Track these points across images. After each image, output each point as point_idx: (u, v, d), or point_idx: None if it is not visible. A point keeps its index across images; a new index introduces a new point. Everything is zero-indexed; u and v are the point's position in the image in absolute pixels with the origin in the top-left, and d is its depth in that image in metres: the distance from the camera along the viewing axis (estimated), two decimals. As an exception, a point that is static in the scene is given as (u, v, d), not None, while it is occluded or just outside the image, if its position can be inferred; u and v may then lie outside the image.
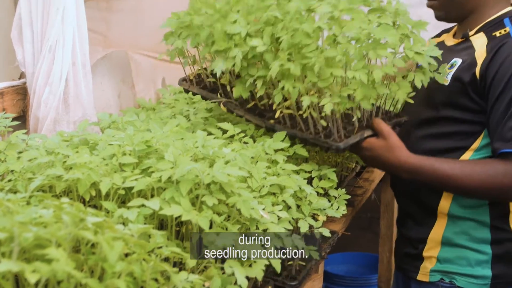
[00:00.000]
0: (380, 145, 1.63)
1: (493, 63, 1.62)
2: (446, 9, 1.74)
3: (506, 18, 1.71)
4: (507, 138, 1.58)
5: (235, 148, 1.49)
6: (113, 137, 1.42)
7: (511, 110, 1.58)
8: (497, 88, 1.61)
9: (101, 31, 2.22)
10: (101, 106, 2.33)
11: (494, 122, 1.62)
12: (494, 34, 1.68)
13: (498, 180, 1.59)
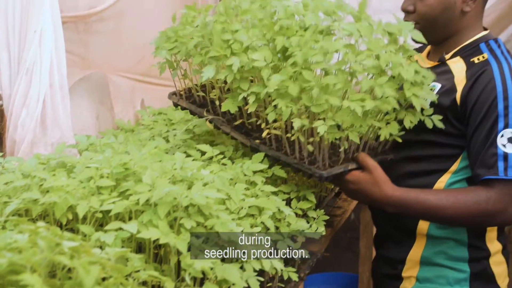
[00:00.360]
0: (365, 179, 1.62)
1: (473, 90, 1.65)
2: (428, 33, 1.76)
3: (482, 43, 1.74)
4: (489, 164, 1.61)
5: (214, 170, 1.49)
6: (91, 160, 1.42)
7: (492, 137, 1.62)
8: (478, 114, 1.64)
9: (80, 53, 2.21)
10: (79, 128, 2.31)
11: (475, 148, 1.65)
12: (472, 60, 1.71)
13: (482, 207, 1.61)
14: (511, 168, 1.60)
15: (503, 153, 1.60)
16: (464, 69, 1.70)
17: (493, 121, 1.62)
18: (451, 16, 1.72)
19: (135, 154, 1.44)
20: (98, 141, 1.69)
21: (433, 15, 1.71)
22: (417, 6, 1.72)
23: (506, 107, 1.61)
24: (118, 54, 2.45)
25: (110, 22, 2.31)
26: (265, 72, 1.52)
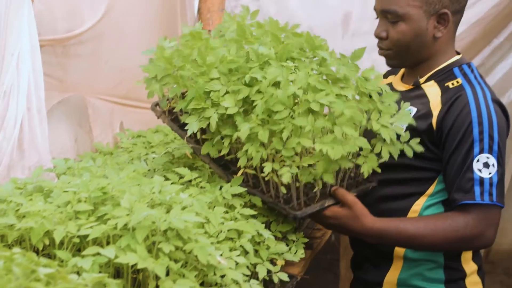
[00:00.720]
0: (345, 214, 1.63)
1: (449, 115, 1.68)
2: (402, 58, 1.79)
3: (455, 68, 1.77)
4: (466, 189, 1.64)
5: (193, 193, 1.49)
6: (69, 184, 1.41)
7: (469, 161, 1.64)
8: (454, 139, 1.66)
9: (58, 76, 2.21)
10: (57, 151, 2.30)
11: (452, 173, 1.67)
12: (447, 85, 1.74)
13: (460, 233, 1.64)
14: (487, 193, 1.62)
15: (479, 178, 1.62)
16: (439, 93, 1.73)
17: (469, 146, 1.64)
18: (423, 42, 1.75)
19: (113, 178, 1.43)
20: (76, 164, 1.68)
21: (405, 41, 1.74)
22: (390, 33, 1.75)
23: (481, 132, 1.64)
24: (97, 77, 2.45)
25: (89, 45, 2.31)
26: (238, 119, 1.55)
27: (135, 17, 2.55)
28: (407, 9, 1.71)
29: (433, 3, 1.71)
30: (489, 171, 1.63)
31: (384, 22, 1.76)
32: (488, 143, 1.64)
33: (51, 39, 2.09)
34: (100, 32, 2.33)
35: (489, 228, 1.65)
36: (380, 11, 1.77)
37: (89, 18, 2.26)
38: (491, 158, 1.64)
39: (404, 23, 1.72)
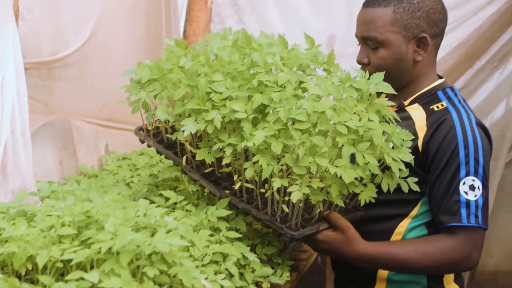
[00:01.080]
0: (338, 238, 1.62)
1: (435, 137, 1.70)
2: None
3: (439, 91, 1.80)
4: (453, 211, 1.65)
5: (178, 217, 1.48)
6: (52, 208, 1.40)
7: (455, 184, 1.66)
8: (440, 162, 1.68)
9: (43, 98, 2.20)
10: (42, 173, 2.28)
11: (438, 195, 1.68)
12: (432, 108, 1.76)
13: (449, 256, 1.65)
14: (473, 215, 1.63)
15: (465, 200, 1.64)
16: (424, 116, 1.75)
17: (455, 168, 1.66)
18: (404, 66, 1.78)
19: (97, 201, 1.42)
20: (60, 188, 1.67)
21: (386, 67, 1.75)
22: (371, 59, 1.78)
23: (467, 155, 1.66)
24: (82, 100, 2.45)
25: (74, 67, 2.31)
26: (246, 126, 1.48)
27: (121, 40, 2.56)
28: (386, 35, 1.74)
29: (412, 28, 1.74)
30: (475, 194, 1.65)
31: (365, 48, 1.80)
32: (473, 166, 1.66)
33: (36, 62, 2.09)
34: (86, 54, 2.34)
35: (475, 250, 1.66)
36: (361, 38, 1.80)
37: (74, 41, 2.27)
38: (476, 181, 1.65)
39: (384, 49, 1.75)
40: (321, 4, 3.31)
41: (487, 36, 3.24)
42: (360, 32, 1.80)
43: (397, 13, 1.74)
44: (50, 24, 2.15)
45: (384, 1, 1.75)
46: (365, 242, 1.64)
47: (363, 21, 1.79)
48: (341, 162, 1.46)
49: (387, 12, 1.74)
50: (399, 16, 1.74)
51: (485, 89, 3.40)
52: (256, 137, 1.44)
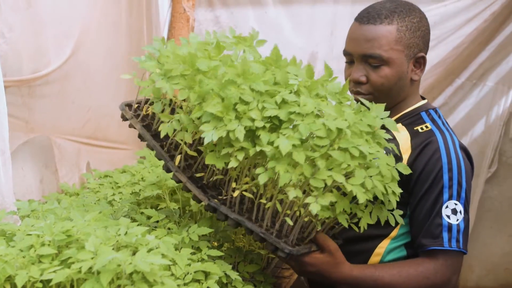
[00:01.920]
0: (325, 261, 1.60)
1: (419, 159, 1.69)
2: (379, 102, 1.77)
3: (422, 112, 1.80)
4: (435, 235, 1.64)
5: (159, 235, 1.48)
6: (32, 227, 1.38)
7: (438, 207, 1.65)
8: (424, 184, 1.67)
9: (23, 116, 2.19)
10: (22, 192, 2.27)
11: (420, 218, 1.68)
12: (416, 129, 1.75)
13: (431, 280, 1.64)
14: (454, 239, 1.63)
15: (448, 224, 1.64)
16: (408, 137, 1.74)
17: (439, 191, 1.65)
18: (403, 85, 1.76)
19: (78, 220, 1.41)
20: (40, 206, 1.65)
21: (389, 85, 1.73)
22: (371, 77, 1.73)
23: (451, 178, 1.65)
24: (64, 117, 2.44)
25: (55, 85, 2.30)
26: (262, 134, 1.42)
27: (102, 57, 2.56)
28: (390, 53, 1.71)
29: (413, 47, 1.73)
30: (457, 218, 1.65)
31: (363, 66, 1.74)
32: (456, 189, 1.65)
33: (17, 80, 2.08)
34: (67, 72, 2.33)
35: (454, 275, 1.66)
36: (360, 56, 1.73)
37: (55, 58, 2.26)
38: (458, 205, 1.65)
39: (388, 67, 1.72)
40: (303, 22, 3.34)
41: (466, 54, 3.28)
42: (361, 50, 1.73)
43: (400, 31, 1.71)
44: (31, 42, 2.14)
45: (386, 18, 1.71)
46: (350, 265, 1.63)
47: (365, 38, 1.72)
48: (355, 181, 1.43)
49: (391, 30, 1.70)
50: (403, 34, 1.71)
51: (465, 106, 3.44)
52: (281, 144, 1.39)
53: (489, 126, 3.43)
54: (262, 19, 3.34)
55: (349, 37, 1.77)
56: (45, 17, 2.18)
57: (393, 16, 1.71)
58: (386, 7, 1.74)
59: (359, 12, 1.78)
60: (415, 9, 1.77)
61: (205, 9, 3.36)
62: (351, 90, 1.79)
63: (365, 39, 1.72)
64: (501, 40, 3.29)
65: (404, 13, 1.73)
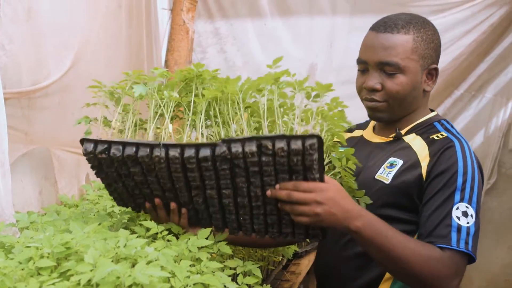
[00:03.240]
0: (340, 187, 1.52)
1: (438, 163, 1.69)
2: (393, 110, 1.80)
3: (435, 122, 1.82)
4: (443, 235, 1.62)
5: (158, 247, 1.47)
6: (31, 239, 1.38)
7: (448, 208, 1.64)
8: (438, 184, 1.67)
9: (23, 128, 2.19)
10: (22, 203, 2.26)
11: (428, 216, 1.66)
12: (432, 137, 1.76)
13: (432, 263, 1.58)
14: (463, 241, 1.61)
15: (457, 225, 1.62)
16: (425, 146, 1.74)
17: (451, 193, 1.65)
18: (417, 95, 1.79)
19: (77, 232, 1.41)
20: (39, 218, 1.65)
21: (404, 94, 1.75)
22: (387, 85, 1.75)
23: (465, 182, 1.65)
24: (63, 129, 2.44)
25: (55, 97, 2.30)
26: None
27: (102, 69, 2.56)
28: (407, 62, 1.73)
29: (427, 58, 1.75)
30: (467, 221, 1.63)
31: (378, 74, 1.76)
32: (469, 193, 1.65)
33: (17, 92, 2.08)
34: (67, 84, 2.34)
35: (457, 276, 1.62)
36: (376, 63, 1.75)
37: (55, 70, 2.27)
38: (470, 209, 1.64)
39: (404, 75, 1.74)
40: (302, 33, 3.35)
41: (465, 66, 3.30)
42: (377, 57, 1.74)
43: (416, 41, 1.73)
44: (31, 54, 2.15)
45: (403, 27, 1.74)
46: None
47: (382, 46, 1.74)
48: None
49: (408, 39, 1.73)
50: (418, 44, 1.74)
51: (464, 117, 3.45)
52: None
53: (488, 137, 3.44)
54: (261, 30, 3.36)
55: (365, 45, 1.79)
56: (45, 29, 2.18)
57: (409, 26, 1.74)
58: (402, 18, 1.77)
59: (375, 23, 1.81)
60: (429, 22, 1.80)
61: (204, 21, 3.38)
62: (365, 98, 1.80)
63: (382, 47, 1.74)
64: (499, 52, 3.32)
65: (419, 24, 1.76)
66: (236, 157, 1.47)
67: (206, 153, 1.49)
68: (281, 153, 1.44)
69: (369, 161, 1.83)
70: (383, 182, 1.74)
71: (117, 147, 1.56)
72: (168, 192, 1.62)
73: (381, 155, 1.81)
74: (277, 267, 2.11)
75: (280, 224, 1.59)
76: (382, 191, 1.73)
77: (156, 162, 1.53)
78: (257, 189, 1.52)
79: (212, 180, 1.54)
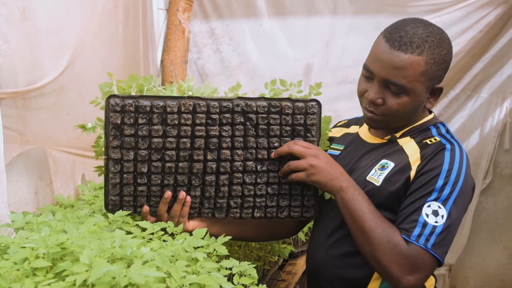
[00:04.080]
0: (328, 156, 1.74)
1: (426, 165, 1.70)
2: (389, 124, 1.80)
3: (431, 126, 1.81)
4: (407, 227, 1.65)
5: (154, 247, 1.47)
6: (27, 239, 1.38)
7: (420, 204, 1.66)
8: (419, 183, 1.69)
9: (18, 128, 2.18)
10: (17, 204, 2.26)
11: (402, 210, 1.69)
12: (425, 142, 1.76)
13: (390, 246, 1.63)
14: (424, 237, 1.62)
15: (424, 222, 1.64)
16: (417, 150, 1.75)
17: (428, 192, 1.67)
18: (416, 111, 1.79)
19: (73, 232, 1.41)
20: (34, 219, 1.65)
21: (403, 113, 1.75)
22: (388, 102, 1.73)
23: (445, 184, 1.66)
24: (59, 129, 2.43)
25: (51, 97, 2.30)
26: None
27: (98, 69, 2.56)
28: (414, 84, 1.70)
29: (435, 78, 1.73)
30: (436, 220, 1.64)
31: (382, 89, 1.73)
32: (446, 195, 1.66)
33: (12, 92, 2.07)
34: (62, 84, 2.33)
35: (414, 271, 1.62)
36: (383, 79, 1.72)
37: (51, 70, 2.26)
38: (442, 209, 1.65)
39: (408, 97, 1.71)
40: (298, 34, 3.35)
41: (461, 66, 3.30)
42: (385, 74, 1.70)
43: (428, 63, 1.69)
44: (26, 54, 2.14)
45: (417, 48, 1.68)
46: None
47: (392, 64, 1.69)
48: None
49: (420, 61, 1.68)
50: (429, 67, 1.70)
51: (460, 117, 3.46)
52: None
53: (484, 137, 3.45)
54: (257, 31, 3.36)
55: (375, 55, 1.74)
56: (41, 29, 2.18)
57: (424, 46, 1.69)
58: (419, 35, 1.70)
59: (390, 30, 1.74)
60: (445, 38, 1.75)
61: (200, 21, 3.37)
62: (364, 106, 1.79)
63: (393, 66, 1.69)
64: (495, 52, 3.32)
65: (435, 43, 1.70)
66: (250, 110, 1.74)
67: (228, 104, 1.72)
68: (287, 110, 1.74)
69: (362, 161, 1.84)
70: (373, 184, 1.75)
71: (146, 99, 1.70)
72: (182, 160, 1.73)
73: (374, 156, 1.81)
74: (273, 267, 2.11)
75: (279, 196, 1.78)
76: (372, 193, 1.74)
77: (184, 111, 1.70)
78: (264, 151, 1.75)
79: (228, 137, 1.73)
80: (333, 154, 1.95)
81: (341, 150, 1.95)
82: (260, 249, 2.04)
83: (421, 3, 3.18)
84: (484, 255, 3.61)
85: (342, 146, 1.96)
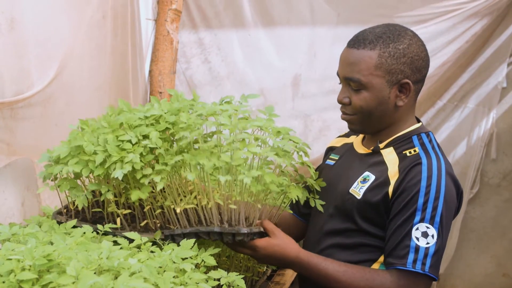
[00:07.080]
0: (276, 243, 1.71)
1: (403, 182, 1.70)
2: (364, 124, 1.81)
3: (414, 136, 1.81)
4: (401, 255, 1.66)
5: (142, 258, 1.47)
6: (13, 251, 1.37)
7: (408, 228, 1.66)
8: (399, 205, 1.69)
9: (5, 139, 2.17)
10: (4, 215, 2.24)
11: (390, 237, 1.70)
12: (405, 153, 1.76)
13: None
14: (420, 262, 1.63)
15: (415, 246, 1.64)
16: (397, 162, 1.75)
17: (411, 213, 1.66)
18: (386, 110, 1.78)
19: (59, 244, 1.40)
20: (21, 230, 1.64)
21: (368, 109, 1.76)
22: (353, 99, 1.77)
23: (426, 202, 1.66)
24: (46, 140, 2.41)
25: (38, 107, 2.29)
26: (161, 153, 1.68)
27: (86, 79, 2.55)
28: (369, 78, 1.73)
29: (396, 73, 1.73)
30: (427, 241, 1.64)
31: (347, 89, 1.79)
32: (431, 213, 1.66)
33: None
34: (50, 94, 2.32)
35: None
36: (343, 78, 1.78)
37: (38, 80, 2.25)
38: (431, 229, 1.65)
39: (367, 92, 1.74)
40: (285, 44, 3.36)
41: (447, 76, 3.32)
42: (343, 72, 1.78)
43: (382, 57, 1.72)
44: (14, 64, 2.13)
45: (370, 43, 1.73)
46: (299, 248, 1.74)
47: (347, 61, 1.76)
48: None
49: (372, 55, 1.72)
50: (384, 60, 1.72)
51: (447, 127, 3.48)
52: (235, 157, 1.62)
53: (471, 147, 3.46)
54: (245, 41, 3.37)
55: (339, 59, 1.81)
56: (28, 39, 2.17)
57: (377, 41, 1.73)
58: (375, 32, 1.75)
59: (353, 37, 1.81)
60: (406, 35, 1.76)
61: (188, 31, 3.38)
62: (341, 110, 1.84)
63: (348, 63, 1.76)
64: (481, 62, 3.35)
65: (390, 39, 1.73)
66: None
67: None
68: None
69: (350, 171, 1.85)
70: (355, 197, 1.76)
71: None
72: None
73: (359, 167, 1.82)
74: (261, 278, 2.10)
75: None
76: (353, 205, 1.76)
77: None
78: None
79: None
80: (329, 164, 1.97)
81: (336, 160, 1.97)
82: (249, 259, 2.04)
83: (407, 14, 3.20)
84: (472, 264, 3.62)
85: (337, 156, 1.98)
